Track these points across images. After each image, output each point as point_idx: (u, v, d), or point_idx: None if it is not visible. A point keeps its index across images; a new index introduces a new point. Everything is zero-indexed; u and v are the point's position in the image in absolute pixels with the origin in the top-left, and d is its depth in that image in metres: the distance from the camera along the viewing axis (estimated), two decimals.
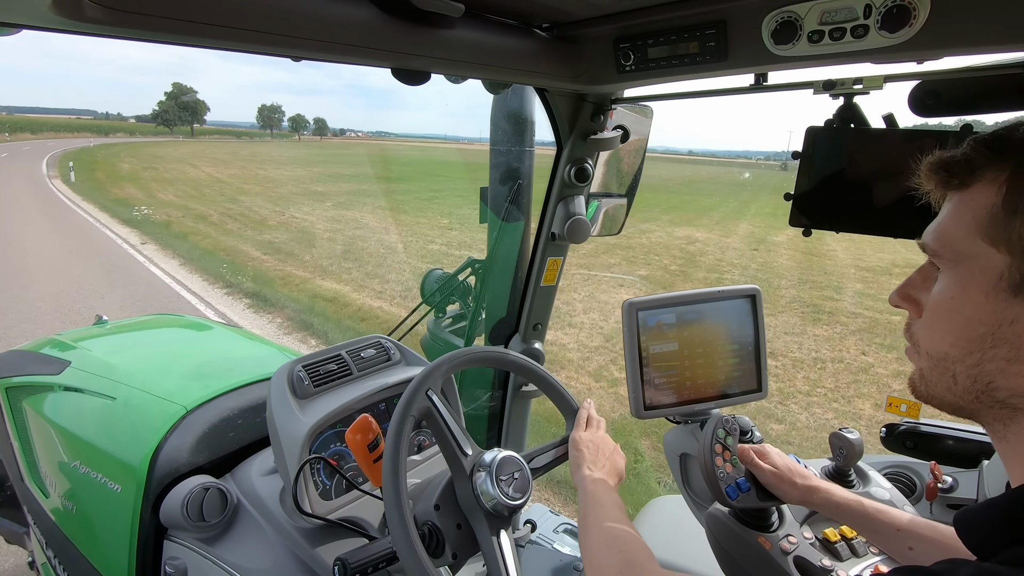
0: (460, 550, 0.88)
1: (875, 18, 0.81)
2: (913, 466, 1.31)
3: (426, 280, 2.01)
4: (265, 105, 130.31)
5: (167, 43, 0.76)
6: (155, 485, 1.17)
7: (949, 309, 0.49)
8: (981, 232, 0.46)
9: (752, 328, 1.18)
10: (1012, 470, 0.49)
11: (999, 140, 0.47)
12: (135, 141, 70.69)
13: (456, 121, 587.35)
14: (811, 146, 1.06)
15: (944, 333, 0.50)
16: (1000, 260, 0.45)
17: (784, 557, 0.95)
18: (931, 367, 0.52)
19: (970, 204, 0.48)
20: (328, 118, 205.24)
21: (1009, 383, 0.46)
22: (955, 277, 0.49)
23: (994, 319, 0.46)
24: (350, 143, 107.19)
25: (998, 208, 0.45)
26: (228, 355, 1.79)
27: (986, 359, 0.47)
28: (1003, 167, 0.46)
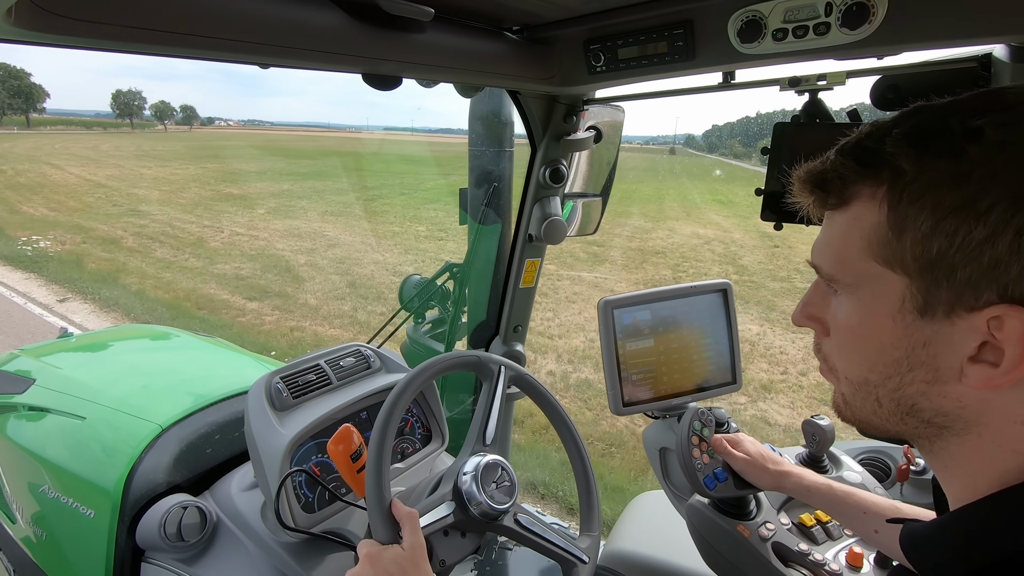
0: (449, 557, 0.87)
1: (836, 16, 0.83)
2: (887, 450, 1.35)
3: (404, 286, 2.00)
4: (121, 91, 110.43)
5: (127, 52, 0.74)
6: (130, 507, 1.14)
7: (860, 335, 0.47)
8: (872, 254, 0.44)
9: (725, 322, 1.20)
10: (946, 485, 0.49)
11: (868, 153, 0.44)
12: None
13: (334, 108, 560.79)
14: (779, 141, 1.08)
15: (860, 359, 0.48)
16: (899, 282, 0.43)
17: (763, 544, 0.98)
18: (853, 392, 0.50)
19: (854, 224, 0.45)
20: (193, 105, 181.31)
21: (932, 404, 0.44)
22: (858, 302, 0.46)
23: (905, 343, 0.44)
24: (226, 133, 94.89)
25: (884, 228, 0.42)
26: (203, 368, 1.75)
27: (906, 382, 0.45)
28: (878, 181, 0.43)
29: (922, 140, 0.41)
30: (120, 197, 16.04)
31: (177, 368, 1.73)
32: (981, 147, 0.38)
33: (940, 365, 0.42)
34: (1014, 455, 0.42)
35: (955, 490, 0.47)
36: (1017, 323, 0.38)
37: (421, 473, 1.26)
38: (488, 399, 0.99)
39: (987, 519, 0.43)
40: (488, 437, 0.96)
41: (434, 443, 1.32)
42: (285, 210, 14.78)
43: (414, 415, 1.31)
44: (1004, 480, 0.42)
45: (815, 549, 0.98)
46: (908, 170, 0.41)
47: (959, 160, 0.39)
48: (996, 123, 0.39)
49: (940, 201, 0.39)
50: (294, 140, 67.62)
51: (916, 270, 0.41)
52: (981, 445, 0.43)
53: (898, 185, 0.42)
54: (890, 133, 0.43)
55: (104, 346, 1.94)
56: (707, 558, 1.07)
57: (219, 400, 1.40)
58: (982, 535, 0.42)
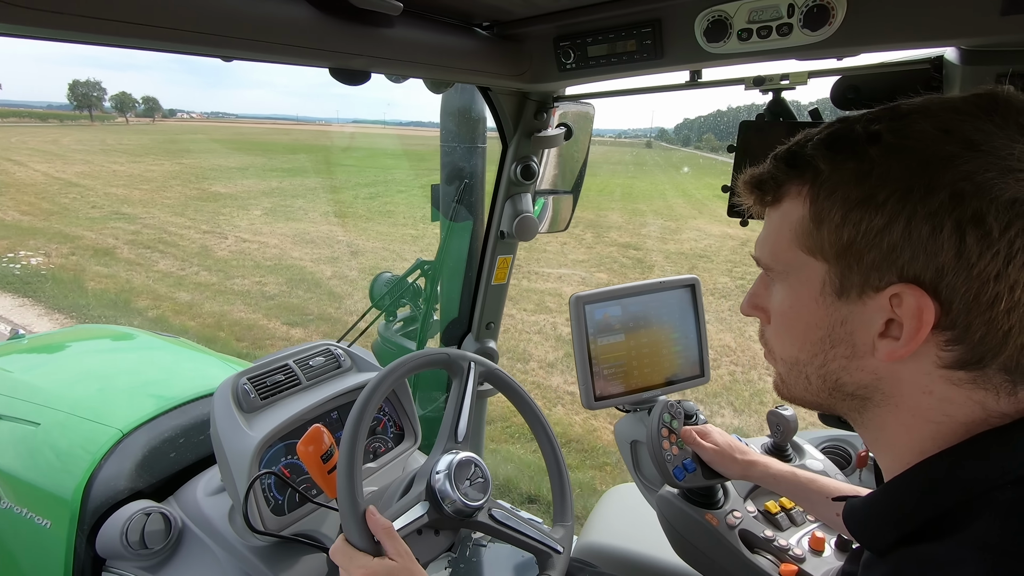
0: (422, 556, 0.87)
1: (798, 17, 0.85)
2: (847, 438, 1.40)
3: (375, 284, 1.97)
4: (79, 81, 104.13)
5: (85, 43, 0.71)
6: (90, 515, 1.09)
7: (790, 317, 0.53)
8: (799, 244, 0.50)
9: (693, 316, 1.22)
10: (879, 458, 0.54)
11: (794, 156, 0.50)
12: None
13: (301, 100, 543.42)
14: (744, 139, 1.11)
15: (791, 339, 0.54)
16: (820, 268, 0.49)
17: (730, 531, 1.00)
18: (787, 371, 0.56)
19: (785, 219, 0.51)
20: (155, 97, 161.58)
21: (852, 378, 0.50)
22: (788, 287, 0.53)
23: (827, 322, 0.49)
24: (192, 126, 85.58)
25: (807, 220, 0.48)
26: (165, 369, 1.70)
27: (829, 359, 0.50)
28: (803, 180, 0.49)
29: (835, 144, 0.48)
30: (97, 197, 14.57)
31: (138, 370, 1.67)
32: (880, 148, 0.44)
33: (856, 341, 0.48)
34: (927, 423, 0.47)
35: (886, 461, 0.52)
36: (912, 299, 0.43)
37: (394, 472, 1.25)
38: (459, 396, 0.99)
39: (910, 489, 0.47)
40: (460, 434, 0.96)
41: (407, 442, 1.31)
42: (284, 211, 13.58)
43: (386, 414, 1.30)
44: (923, 449, 0.47)
45: (780, 535, 1.01)
46: (824, 169, 0.47)
47: (862, 160, 0.45)
48: (891, 128, 0.45)
49: (848, 195, 0.45)
50: (264, 133, 62.73)
51: (833, 256, 0.47)
52: (900, 415, 0.48)
53: (817, 182, 0.48)
54: (812, 140, 0.49)
55: (59, 348, 1.86)
56: (677, 547, 1.09)
57: (183, 403, 1.36)
58: (906, 504, 0.47)
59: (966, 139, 0.42)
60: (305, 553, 1.07)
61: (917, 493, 0.46)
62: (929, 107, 0.45)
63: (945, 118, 0.44)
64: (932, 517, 0.45)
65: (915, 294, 0.43)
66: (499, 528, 0.91)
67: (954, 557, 0.41)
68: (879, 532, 0.49)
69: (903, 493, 0.48)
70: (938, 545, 0.43)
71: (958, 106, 0.44)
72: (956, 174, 0.41)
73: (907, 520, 0.46)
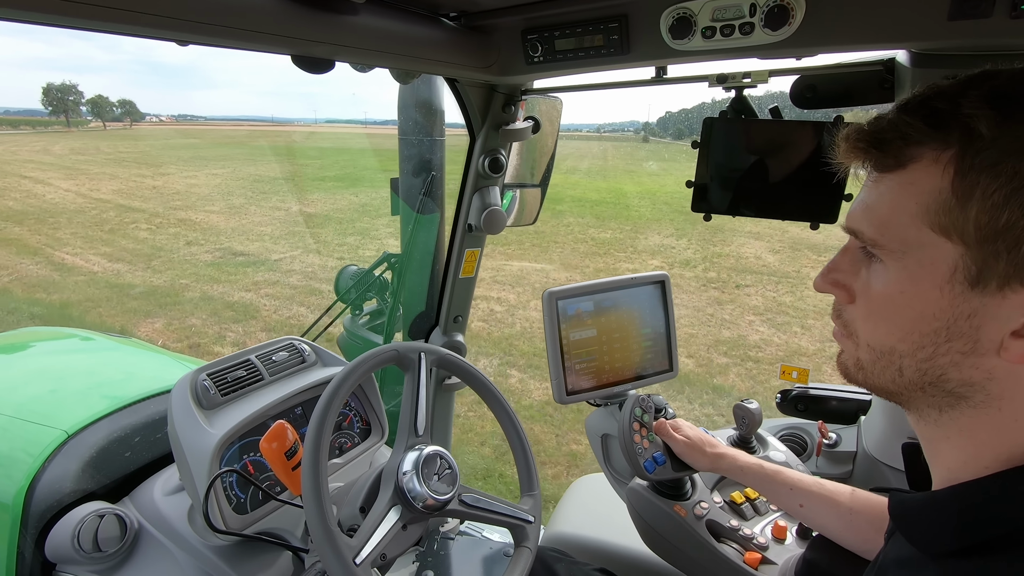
0: (390, 551, 0.86)
1: (759, 16, 0.87)
2: (804, 427, 1.45)
3: (340, 277, 1.94)
4: (54, 85, 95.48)
5: (34, 23, 0.67)
6: (36, 520, 1.04)
7: (898, 304, 0.45)
8: (929, 221, 0.42)
9: (663, 312, 1.24)
10: (940, 455, 0.48)
11: (937, 114, 0.42)
12: None
13: (277, 100, 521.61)
14: (708, 136, 1.13)
15: (892, 328, 0.46)
16: (953, 251, 0.41)
17: (698, 522, 1.03)
18: (873, 360, 0.49)
19: (911, 188, 0.43)
20: (132, 100, 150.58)
21: (961, 375, 0.43)
22: (903, 269, 0.44)
23: (950, 314, 0.42)
24: (173, 130, 78.29)
25: (947, 194, 0.40)
26: (118, 369, 1.63)
27: (939, 353, 0.44)
28: (946, 144, 0.41)
29: (1005, 103, 0.39)
30: (179, 227, 11.06)
31: (90, 371, 1.60)
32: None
33: (981, 337, 0.42)
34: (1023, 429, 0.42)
35: (953, 461, 0.47)
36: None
37: (360, 467, 1.23)
38: (414, 389, 0.97)
39: (988, 497, 0.43)
40: (420, 428, 0.95)
41: (373, 437, 1.29)
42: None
43: (352, 409, 1.28)
44: (1011, 456, 0.43)
45: (744, 524, 1.04)
46: (985, 134, 0.39)
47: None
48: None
49: (1018, 170, 0.38)
50: (252, 136, 52.92)
51: (976, 240, 0.40)
52: (998, 418, 0.43)
53: (971, 150, 0.40)
54: (965, 94, 0.41)
55: (4, 350, 1.76)
56: (646, 538, 1.11)
57: (136, 401, 1.31)
58: (979, 512, 0.42)
59: None
60: (269, 551, 1.05)
61: (994, 503, 0.42)
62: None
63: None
64: (1008, 531, 0.40)
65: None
66: (471, 511, 0.93)
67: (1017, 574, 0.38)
68: (937, 535, 0.44)
69: (979, 499, 0.43)
70: (1002, 560, 0.39)
71: None
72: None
73: (976, 529, 0.42)
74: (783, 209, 1.10)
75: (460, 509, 0.92)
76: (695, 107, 22.48)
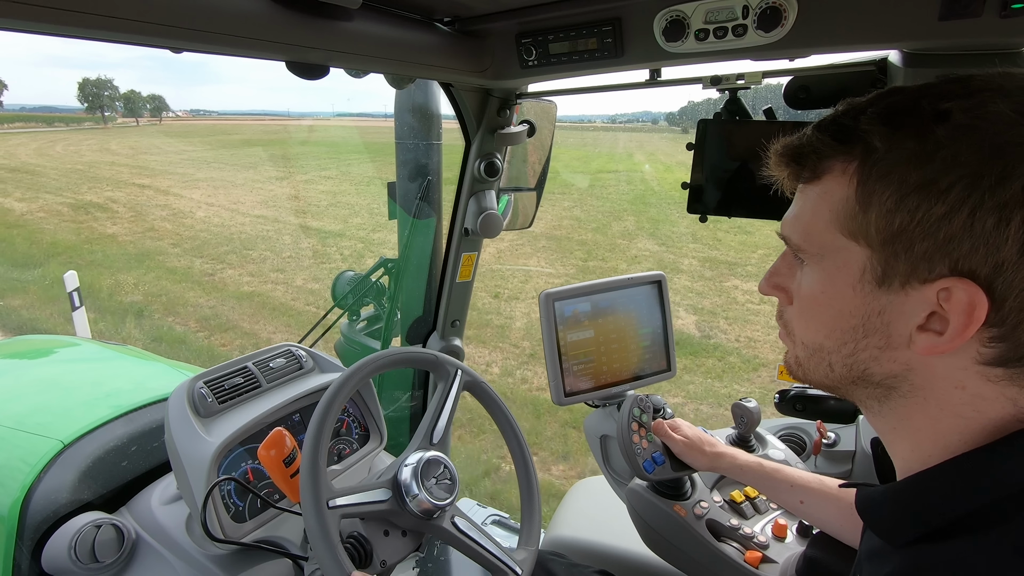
0: (389, 557, 0.86)
1: (752, 18, 0.88)
2: (803, 426, 1.45)
3: (337, 282, 1.93)
4: (89, 80, 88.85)
5: (30, 31, 0.66)
6: (32, 531, 1.03)
7: (820, 303, 0.50)
8: (839, 226, 0.46)
9: (660, 312, 1.24)
10: (893, 447, 0.52)
11: (843, 129, 0.46)
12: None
13: (285, 95, 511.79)
14: (703, 137, 1.14)
15: (818, 325, 0.51)
16: (861, 253, 0.45)
17: (698, 521, 1.03)
18: (807, 356, 0.53)
19: (825, 198, 0.47)
20: (162, 95, 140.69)
21: (882, 368, 0.47)
22: (822, 271, 0.49)
23: (863, 311, 0.46)
24: (221, 125, 69.99)
25: (852, 202, 0.45)
26: (114, 378, 1.62)
27: (859, 348, 0.48)
28: (850, 157, 0.45)
29: (894, 119, 0.43)
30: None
31: (84, 379, 1.59)
32: (947, 129, 0.41)
33: (892, 332, 0.45)
34: (956, 418, 0.45)
35: (903, 451, 0.50)
36: (963, 295, 0.40)
37: (359, 474, 1.23)
38: (441, 399, 0.99)
39: (937, 486, 0.45)
40: (435, 436, 0.95)
41: (372, 443, 1.29)
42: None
43: (351, 415, 1.28)
44: (947, 444, 0.46)
45: (744, 523, 1.04)
46: (879, 147, 0.43)
47: (926, 140, 0.41)
48: (962, 107, 0.41)
49: (906, 178, 0.42)
50: (300, 132, 45.60)
51: (878, 243, 0.44)
52: (926, 408, 0.46)
53: (869, 161, 0.44)
54: (865, 111, 0.45)
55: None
56: (646, 538, 1.11)
57: (133, 409, 1.30)
58: (933, 501, 0.45)
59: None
60: (268, 560, 1.04)
61: (947, 489, 0.45)
62: (1005, 86, 0.41)
63: (1022, 100, 0.40)
64: (961, 515, 0.43)
65: (968, 289, 0.40)
66: (459, 537, 0.89)
67: (987, 559, 0.40)
68: (899, 525, 0.47)
69: (931, 488, 0.46)
70: (966, 545, 0.42)
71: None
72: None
73: (934, 516, 0.44)
74: (778, 210, 1.10)
75: (448, 531, 0.88)
76: (719, 98, 21.66)
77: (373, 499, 0.84)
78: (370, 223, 11.40)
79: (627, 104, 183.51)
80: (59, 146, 30.83)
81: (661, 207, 13.26)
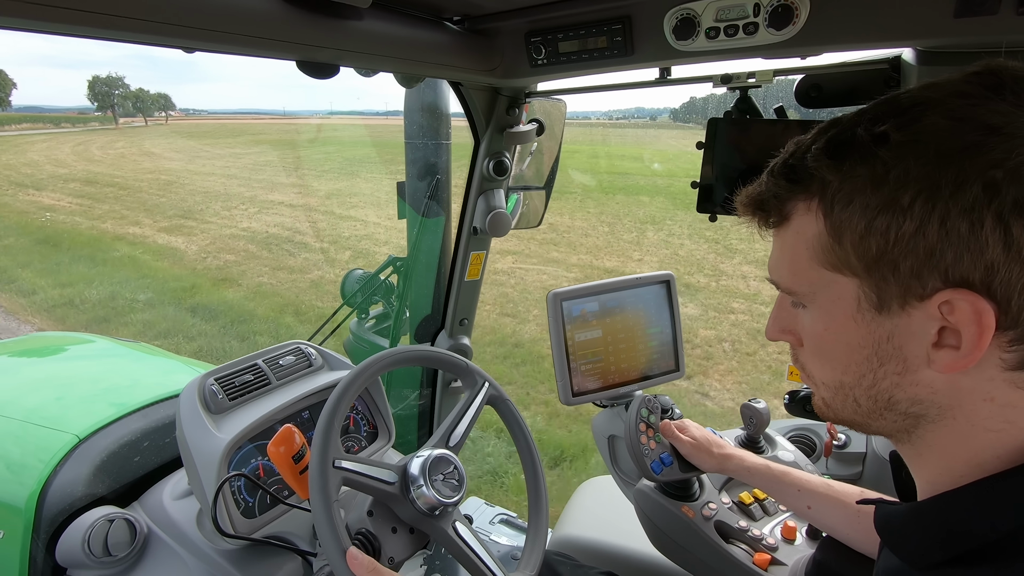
0: (397, 554, 0.86)
1: (763, 16, 0.87)
2: (813, 427, 1.44)
3: (346, 281, 1.95)
4: (100, 78, 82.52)
5: (40, 31, 0.67)
6: (47, 524, 1.05)
7: (827, 341, 0.49)
8: (820, 262, 0.46)
9: (668, 312, 1.24)
10: (919, 470, 0.50)
11: (792, 170, 0.47)
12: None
13: (272, 92, 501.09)
14: (713, 136, 1.13)
15: (832, 363, 0.50)
16: (850, 283, 0.45)
17: (706, 523, 1.02)
18: (832, 395, 0.51)
19: (798, 237, 0.47)
20: (168, 94, 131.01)
21: (906, 394, 0.46)
22: (819, 309, 0.49)
23: (871, 340, 0.45)
24: (218, 124, 63.55)
25: (825, 236, 0.45)
26: (127, 374, 1.64)
27: (879, 378, 0.46)
28: (809, 195, 0.46)
29: (838, 151, 0.44)
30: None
31: (98, 375, 1.61)
32: (890, 149, 0.41)
33: (907, 355, 0.44)
34: (986, 432, 0.43)
35: (930, 475, 0.49)
36: (966, 305, 0.39)
37: None
38: (465, 406, 0.99)
39: (967, 508, 0.44)
40: (453, 440, 0.95)
41: (380, 440, 1.29)
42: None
43: (359, 412, 1.28)
44: (980, 462, 0.44)
45: (753, 525, 1.03)
46: (832, 180, 0.44)
47: (873, 164, 0.42)
48: (898, 125, 0.41)
49: (867, 202, 0.42)
50: (296, 131, 41.28)
51: (863, 270, 0.44)
52: (956, 427, 0.45)
53: (827, 195, 0.44)
54: (810, 150, 0.46)
55: (14, 356, 1.78)
56: (654, 539, 1.11)
57: (145, 405, 1.32)
58: (961, 524, 0.43)
59: (984, 124, 0.39)
60: (277, 555, 1.05)
61: (976, 512, 0.43)
62: (932, 97, 0.42)
63: (953, 105, 0.40)
64: (992, 540, 0.41)
65: (968, 298, 0.39)
66: (456, 543, 0.87)
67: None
68: (924, 548, 0.46)
69: (959, 510, 0.44)
70: (992, 572, 0.40)
71: (962, 90, 0.41)
72: (984, 163, 0.38)
73: (961, 540, 0.43)
74: None
75: (447, 532, 0.87)
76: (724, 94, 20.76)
77: (379, 476, 0.84)
78: (564, 237, 9.35)
79: (621, 101, 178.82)
80: (94, 147, 27.75)
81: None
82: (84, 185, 16.07)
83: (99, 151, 26.48)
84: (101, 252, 9.00)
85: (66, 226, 11.08)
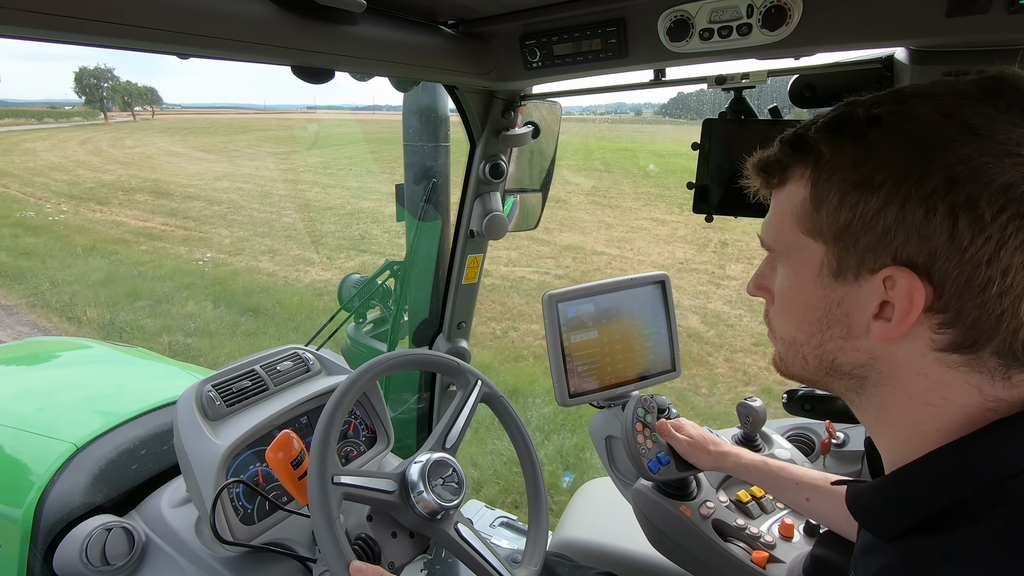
0: (397, 558, 0.86)
1: (757, 17, 0.87)
2: (811, 426, 1.44)
3: (343, 285, 1.94)
4: (87, 69, 72.23)
5: (36, 39, 0.67)
6: (45, 534, 1.04)
7: (790, 298, 0.54)
8: (800, 226, 0.51)
9: (663, 312, 1.24)
10: (879, 439, 0.54)
11: (798, 139, 0.51)
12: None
13: (246, 87, 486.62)
14: (708, 137, 1.13)
15: (790, 319, 0.55)
16: (819, 249, 0.49)
17: (704, 522, 1.02)
18: (785, 350, 0.57)
19: (788, 201, 0.52)
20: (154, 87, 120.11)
21: (848, 358, 0.50)
22: (789, 268, 0.53)
23: (824, 303, 0.50)
24: (220, 119, 55.76)
25: (808, 203, 0.49)
26: (124, 380, 1.63)
27: (825, 339, 0.51)
28: (806, 163, 0.50)
29: (836, 127, 0.48)
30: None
31: (94, 382, 1.60)
32: (880, 131, 0.45)
33: (852, 322, 0.49)
34: (925, 406, 0.47)
35: (887, 445, 0.53)
36: (904, 282, 0.43)
37: None
38: (458, 407, 0.99)
39: (923, 477, 0.47)
40: (449, 442, 0.95)
41: (379, 445, 1.29)
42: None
43: (357, 416, 1.28)
44: (924, 433, 0.48)
45: (751, 523, 1.03)
46: (825, 152, 0.48)
47: (861, 143, 0.46)
48: (892, 112, 0.45)
49: (846, 177, 0.46)
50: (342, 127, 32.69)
51: (831, 238, 0.48)
52: (897, 396, 0.49)
53: (818, 165, 0.48)
54: (818, 123, 0.50)
55: (8, 362, 1.77)
56: (653, 539, 1.11)
57: (142, 413, 1.31)
58: (919, 493, 0.47)
59: (965, 123, 0.42)
60: (276, 562, 1.05)
61: (931, 482, 0.46)
62: (934, 91, 0.45)
63: (947, 101, 0.43)
64: (946, 507, 0.44)
65: (907, 277, 0.43)
66: (460, 544, 0.87)
67: (971, 551, 0.41)
68: (888, 519, 0.49)
69: (916, 481, 0.48)
70: (952, 537, 0.43)
71: (963, 90, 0.44)
72: (952, 158, 0.41)
73: (920, 509, 0.46)
74: None
75: (449, 534, 0.87)
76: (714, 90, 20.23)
77: (378, 487, 0.84)
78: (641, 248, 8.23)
79: (602, 96, 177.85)
80: (103, 145, 23.63)
81: None
82: (156, 198, 12.43)
83: (115, 150, 22.17)
84: (303, 311, 5.78)
85: (203, 266, 7.41)
